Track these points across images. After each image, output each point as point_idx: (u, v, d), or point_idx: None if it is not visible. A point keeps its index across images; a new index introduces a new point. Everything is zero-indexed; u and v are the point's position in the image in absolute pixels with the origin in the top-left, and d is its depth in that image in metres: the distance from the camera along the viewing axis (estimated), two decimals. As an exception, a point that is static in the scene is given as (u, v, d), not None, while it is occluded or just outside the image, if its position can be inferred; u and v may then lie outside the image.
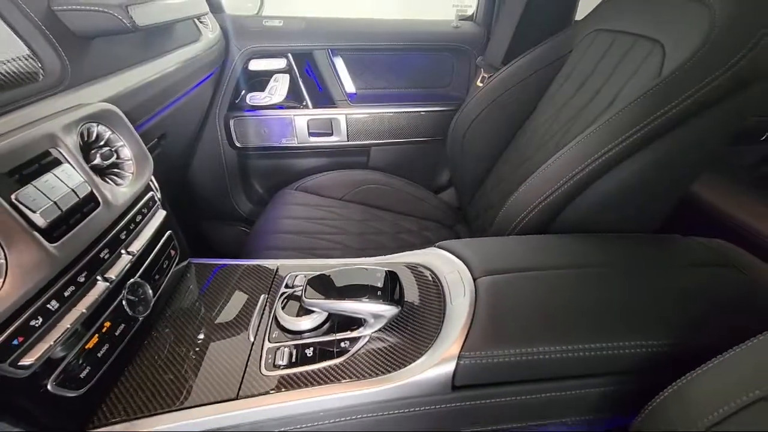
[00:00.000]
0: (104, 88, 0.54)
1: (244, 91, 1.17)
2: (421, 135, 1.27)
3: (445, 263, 0.53)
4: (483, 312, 0.44)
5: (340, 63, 1.20)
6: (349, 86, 1.22)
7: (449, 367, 0.40)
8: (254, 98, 1.16)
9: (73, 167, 0.41)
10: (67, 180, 0.40)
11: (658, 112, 0.58)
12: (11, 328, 0.32)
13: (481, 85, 1.14)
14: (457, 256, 0.53)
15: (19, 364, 0.33)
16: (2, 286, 0.32)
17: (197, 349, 0.46)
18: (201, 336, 0.48)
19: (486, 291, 0.46)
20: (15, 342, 0.33)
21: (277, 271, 0.58)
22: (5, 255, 0.33)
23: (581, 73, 0.85)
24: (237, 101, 1.18)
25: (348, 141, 1.24)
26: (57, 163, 0.40)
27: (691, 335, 0.40)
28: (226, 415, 0.39)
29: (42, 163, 0.39)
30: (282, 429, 0.40)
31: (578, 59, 0.89)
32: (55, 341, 0.35)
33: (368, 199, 1.12)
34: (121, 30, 0.54)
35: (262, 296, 0.53)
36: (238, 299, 0.53)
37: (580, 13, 1.09)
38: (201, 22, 0.96)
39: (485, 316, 0.43)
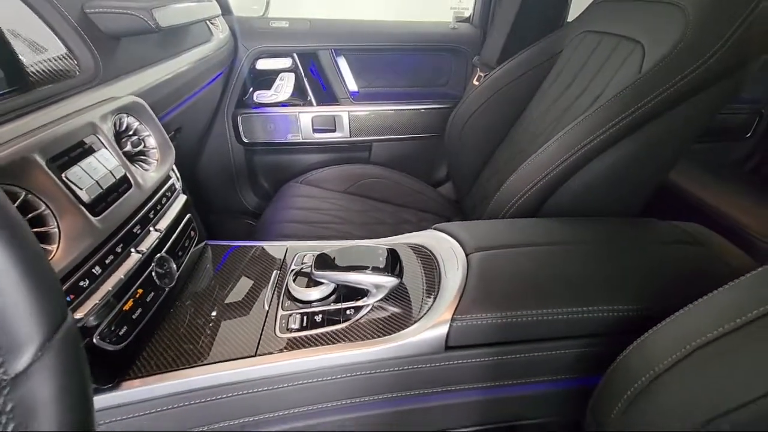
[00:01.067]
0: (131, 83, 0.59)
1: (251, 89, 1.22)
2: (420, 131, 1.32)
3: (440, 242, 0.58)
4: (473, 282, 0.49)
5: (343, 62, 1.25)
6: (352, 85, 1.27)
7: (443, 330, 0.45)
8: (261, 96, 1.21)
9: (110, 152, 0.46)
10: (105, 163, 0.45)
11: (636, 105, 0.63)
12: (64, 287, 0.37)
13: (477, 83, 1.19)
14: (452, 236, 0.58)
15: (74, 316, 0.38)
16: (56, 252, 0.38)
17: (217, 316, 0.51)
18: (220, 306, 0.53)
19: (476, 264, 0.51)
20: (68, 298, 0.38)
21: (286, 251, 0.63)
22: (58, 225, 0.38)
23: (570, 71, 0.90)
24: (245, 99, 1.22)
25: (350, 137, 1.29)
26: (97, 148, 0.45)
27: (654, 301, 0.45)
28: (247, 369, 0.44)
29: (85, 147, 0.44)
30: (294, 383, 0.45)
31: (568, 58, 0.94)
32: (99, 300, 0.40)
33: (370, 192, 1.17)
34: (146, 30, 0.60)
35: (274, 272, 0.58)
36: (252, 275, 0.58)
37: (574, 14, 1.14)
38: (212, 24, 1.01)
39: (475, 286, 0.48)
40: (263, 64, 1.20)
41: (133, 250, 0.46)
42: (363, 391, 0.47)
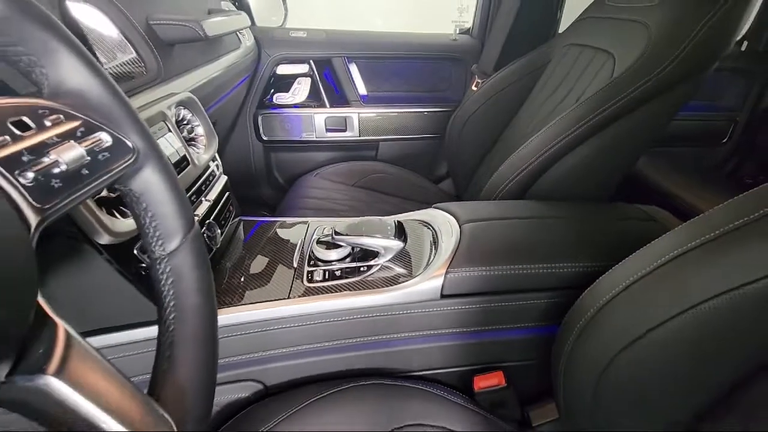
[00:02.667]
0: (183, 82, 0.71)
1: (272, 91, 1.33)
2: (423, 132, 1.43)
3: (438, 217, 0.68)
4: (464, 245, 0.59)
5: (354, 69, 1.36)
6: (362, 89, 1.38)
7: (438, 281, 0.56)
8: (280, 98, 1.33)
9: (175, 136, 0.57)
10: (173, 143, 0.56)
11: (607, 104, 0.73)
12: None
13: (475, 89, 1.30)
14: (448, 212, 0.68)
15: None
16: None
17: (253, 272, 0.61)
18: (255, 265, 0.63)
19: (467, 232, 0.61)
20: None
21: (308, 225, 0.74)
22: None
23: (556, 79, 1.01)
24: (265, 100, 1.33)
25: (359, 136, 1.40)
26: (164, 133, 0.56)
27: (605, 259, 0.55)
28: (282, 308, 0.54)
29: (158, 131, 0.55)
30: (317, 321, 0.55)
31: (554, 67, 1.04)
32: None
33: (377, 186, 1.27)
34: (196, 39, 0.71)
35: (299, 240, 0.68)
36: (281, 242, 0.69)
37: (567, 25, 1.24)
38: (240, 33, 1.12)
39: (466, 247, 0.58)
40: (283, 70, 1.31)
41: (191, 213, 0.57)
42: (372, 331, 0.57)
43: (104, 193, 0.43)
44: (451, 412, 0.55)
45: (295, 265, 0.62)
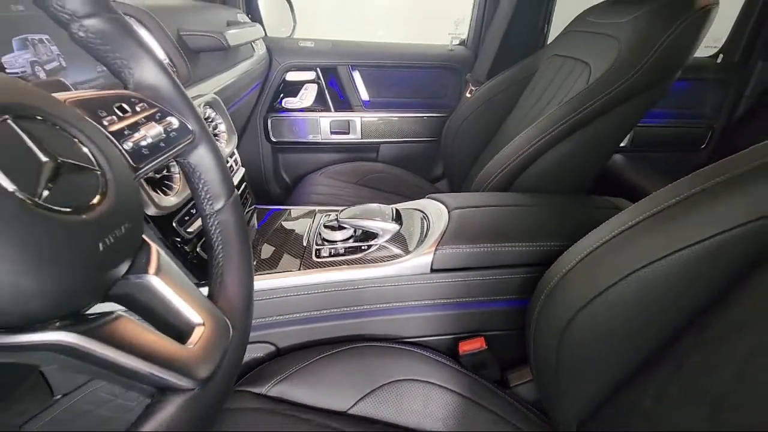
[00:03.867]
0: (208, 85, 0.80)
1: (281, 96, 1.43)
2: (421, 135, 1.52)
3: (431, 205, 0.76)
4: (452, 227, 0.67)
5: (357, 76, 1.45)
6: (364, 95, 1.47)
7: (429, 257, 0.64)
8: (288, 102, 1.42)
9: (203, 130, 0.66)
10: (202, 136, 0.64)
11: (582, 108, 0.82)
12: (183, 211, 0.57)
13: (469, 96, 1.39)
14: (440, 201, 0.77)
15: (187, 230, 0.57)
16: (179, 189, 0.57)
17: (270, 248, 0.70)
18: (271, 242, 0.72)
19: (455, 217, 0.70)
20: (186, 218, 0.57)
21: (316, 212, 0.82)
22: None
23: (542, 86, 1.10)
24: (275, 104, 1.43)
25: (362, 139, 1.49)
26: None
27: (572, 239, 0.63)
28: (294, 278, 0.62)
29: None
30: (323, 291, 0.64)
31: (540, 76, 1.14)
32: (199, 225, 0.59)
33: (377, 185, 1.36)
34: (219, 48, 0.80)
35: (308, 224, 0.77)
36: (292, 226, 0.77)
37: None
38: (254, 43, 1.22)
39: (453, 229, 0.67)
40: (291, 76, 1.40)
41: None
42: (370, 301, 0.66)
43: (150, 174, 0.52)
44: (438, 370, 0.63)
45: (304, 244, 0.70)
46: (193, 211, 0.58)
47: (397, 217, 0.72)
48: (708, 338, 0.45)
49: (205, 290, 0.34)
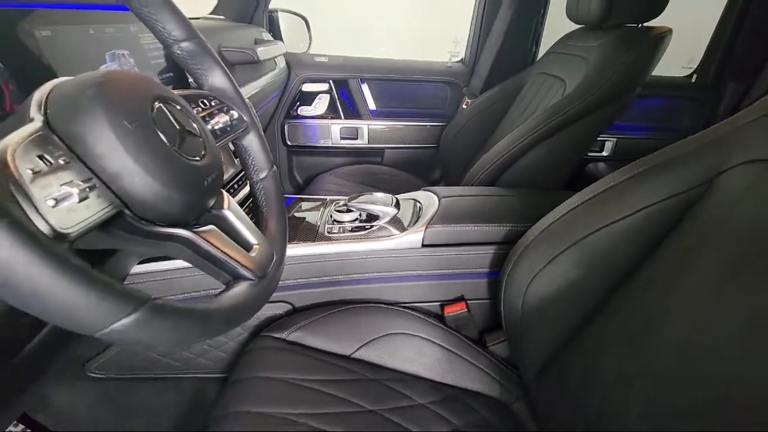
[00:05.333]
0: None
1: (298, 104, 1.58)
2: (421, 142, 1.65)
3: (425, 195, 0.90)
4: (441, 211, 0.80)
5: (366, 88, 1.60)
6: (372, 105, 1.62)
7: (420, 234, 0.77)
8: (304, 110, 1.57)
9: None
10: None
11: (556, 115, 0.95)
12: (229, 184, 0.70)
13: (465, 107, 1.53)
14: (433, 192, 0.90)
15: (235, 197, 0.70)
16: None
17: (290, 225, 0.83)
18: (290, 222, 0.85)
19: (445, 203, 0.83)
20: (232, 189, 0.70)
21: (327, 201, 0.96)
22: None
23: (527, 99, 1.24)
24: (291, 111, 1.58)
25: (368, 144, 1.63)
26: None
27: (536, 221, 0.75)
28: (309, 248, 0.75)
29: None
30: (333, 259, 0.77)
31: (527, 90, 1.28)
32: (243, 194, 0.72)
33: (382, 185, 1.49)
34: (251, 61, 0.95)
35: (321, 209, 0.90)
36: (309, 210, 0.90)
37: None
38: (276, 57, 1.37)
39: (442, 212, 0.80)
40: (307, 87, 1.56)
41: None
42: (372, 269, 0.78)
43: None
44: (426, 327, 0.76)
45: (318, 223, 0.84)
46: (236, 186, 0.72)
47: (396, 204, 0.85)
48: (628, 294, 0.57)
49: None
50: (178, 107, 0.36)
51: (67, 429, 0.83)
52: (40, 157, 0.25)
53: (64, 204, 0.25)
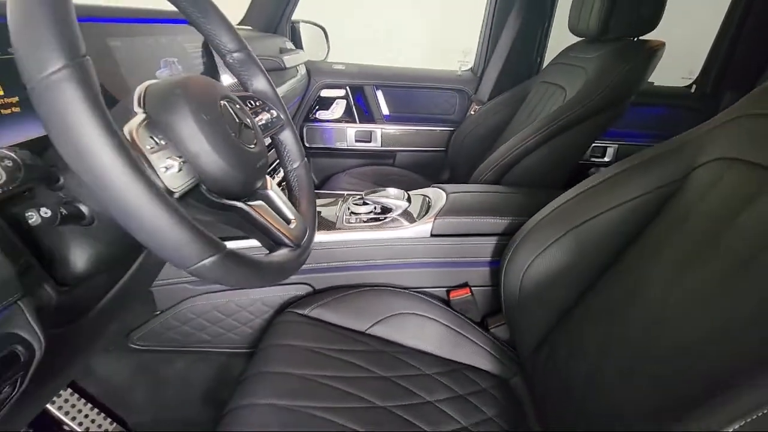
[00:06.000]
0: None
1: (316, 108, 1.67)
2: (431, 145, 1.73)
3: (434, 191, 0.97)
4: (448, 205, 0.87)
5: (380, 94, 1.68)
6: (385, 110, 1.70)
7: (429, 225, 0.84)
8: (321, 114, 1.66)
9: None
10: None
11: (557, 120, 1.02)
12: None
13: (473, 113, 1.61)
14: (441, 189, 0.97)
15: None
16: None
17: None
18: (311, 215, 0.93)
19: (452, 198, 0.90)
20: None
21: (345, 195, 1.04)
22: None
23: (531, 106, 1.31)
24: (310, 115, 1.67)
25: (381, 147, 1.71)
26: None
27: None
28: (330, 235, 0.83)
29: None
30: (350, 246, 0.84)
31: (531, 98, 1.35)
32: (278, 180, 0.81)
33: (393, 185, 1.56)
34: (278, 68, 1.04)
35: (340, 202, 0.98)
36: (329, 203, 0.98)
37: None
38: (298, 65, 1.47)
39: (449, 206, 0.87)
40: (325, 93, 1.65)
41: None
42: (384, 256, 0.86)
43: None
44: (434, 308, 0.83)
45: (337, 215, 0.92)
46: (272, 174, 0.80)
47: (408, 198, 0.93)
48: (612, 276, 0.64)
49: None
50: (237, 105, 0.44)
51: (108, 396, 0.92)
52: (151, 138, 0.33)
53: (169, 172, 0.33)
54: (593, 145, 1.56)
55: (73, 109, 0.25)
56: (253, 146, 0.43)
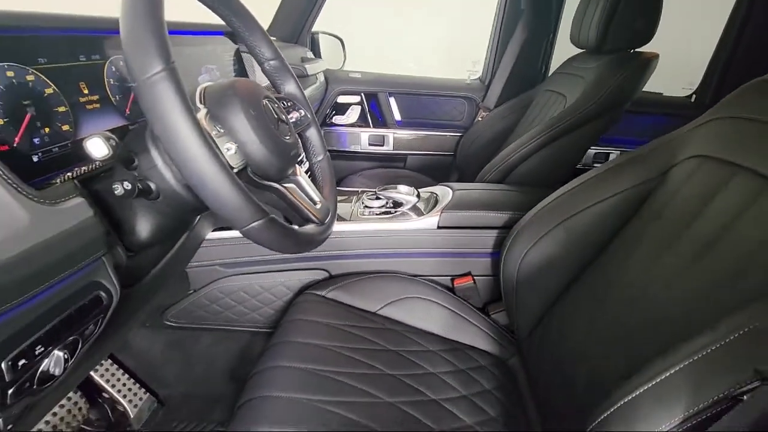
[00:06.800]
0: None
1: (333, 113, 1.76)
2: (440, 150, 1.80)
3: (442, 189, 1.05)
4: (454, 200, 0.95)
5: (393, 101, 1.76)
6: (397, 116, 1.78)
7: (436, 218, 0.91)
8: (337, 119, 1.75)
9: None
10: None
11: (557, 124, 1.09)
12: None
13: (480, 119, 1.68)
14: (448, 186, 1.04)
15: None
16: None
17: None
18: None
19: (457, 194, 0.97)
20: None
21: (359, 191, 1.12)
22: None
23: (535, 112, 1.38)
24: (327, 120, 1.76)
25: (393, 150, 1.79)
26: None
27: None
28: (345, 225, 0.91)
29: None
30: (364, 236, 0.92)
31: (535, 104, 1.42)
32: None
33: (403, 186, 1.64)
34: (302, 76, 1.13)
35: (355, 198, 1.06)
36: (345, 198, 1.06)
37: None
38: (317, 73, 1.56)
39: (455, 201, 0.94)
40: (342, 99, 1.73)
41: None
42: (395, 245, 0.93)
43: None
44: (439, 294, 0.90)
45: (353, 208, 1.00)
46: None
47: (417, 195, 1.01)
48: (598, 264, 0.71)
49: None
50: (275, 104, 0.52)
51: (143, 369, 1.00)
52: (215, 127, 0.42)
53: (229, 153, 0.41)
54: (597, 151, 1.63)
55: (168, 101, 0.34)
56: (288, 138, 0.51)
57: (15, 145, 0.40)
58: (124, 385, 0.95)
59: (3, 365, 0.33)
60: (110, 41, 0.55)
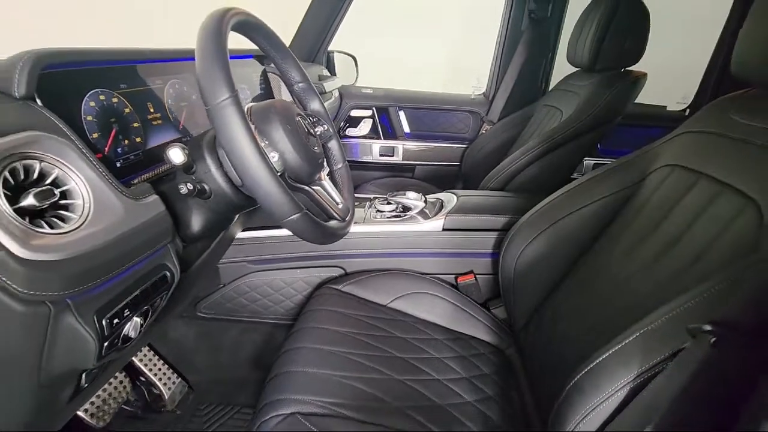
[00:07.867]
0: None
1: (346, 126, 1.86)
2: (446, 160, 1.89)
3: (447, 194, 1.13)
4: (458, 205, 1.03)
5: (402, 114, 1.86)
6: (406, 128, 1.87)
7: (441, 221, 1.00)
8: (350, 131, 1.86)
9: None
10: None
11: (554, 136, 1.18)
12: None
13: (484, 132, 1.77)
14: (453, 193, 1.13)
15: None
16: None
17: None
18: (344, 212, 1.11)
19: (462, 200, 1.06)
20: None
21: (372, 197, 1.21)
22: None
23: (535, 125, 1.47)
24: (340, 132, 1.87)
25: (402, 160, 1.88)
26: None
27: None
28: (359, 227, 1.00)
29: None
30: (375, 237, 1.01)
31: (534, 118, 1.51)
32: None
33: (412, 194, 1.73)
34: (320, 92, 1.23)
35: (368, 203, 1.15)
36: (358, 204, 1.16)
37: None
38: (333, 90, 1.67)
39: (458, 206, 1.03)
40: (354, 113, 1.84)
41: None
42: (404, 246, 1.02)
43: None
44: (443, 289, 0.98)
45: (366, 212, 1.09)
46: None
47: (424, 200, 1.10)
48: (585, 261, 0.79)
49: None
50: (306, 120, 0.62)
51: (176, 357, 1.10)
52: (263, 139, 0.52)
53: (274, 160, 0.51)
54: (594, 162, 1.70)
55: (233, 123, 0.43)
56: (316, 148, 0.61)
57: (106, 153, 0.50)
58: (160, 369, 1.05)
59: (104, 321, 0.42)
60: (168, 68, 0.66)
